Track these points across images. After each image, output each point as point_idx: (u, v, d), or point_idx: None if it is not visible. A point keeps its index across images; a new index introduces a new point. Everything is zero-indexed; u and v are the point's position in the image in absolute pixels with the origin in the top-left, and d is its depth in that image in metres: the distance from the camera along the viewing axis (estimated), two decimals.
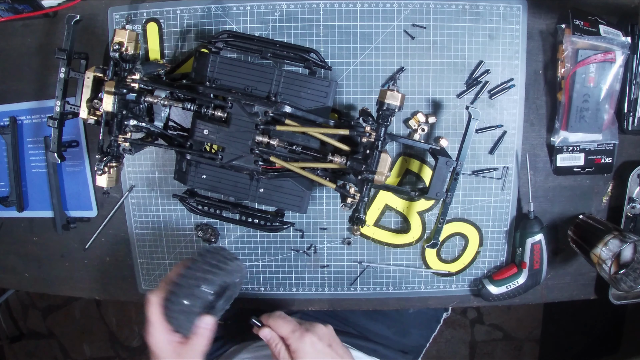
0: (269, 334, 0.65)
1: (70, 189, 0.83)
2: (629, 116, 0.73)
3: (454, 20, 0.72)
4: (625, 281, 0.69)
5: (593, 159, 0.75)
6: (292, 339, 0.64)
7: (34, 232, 0.86)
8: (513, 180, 0.77)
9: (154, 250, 0.82)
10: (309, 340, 0.64)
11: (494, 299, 0.78)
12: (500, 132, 0.75)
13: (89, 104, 0.67)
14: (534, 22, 0.73)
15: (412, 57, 0.73)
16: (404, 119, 0.75)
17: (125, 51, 0.63)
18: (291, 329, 0.65)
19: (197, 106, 0.65)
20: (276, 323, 0.66)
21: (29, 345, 2.03)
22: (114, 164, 0.68)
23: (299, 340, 0.64)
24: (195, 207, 0.74)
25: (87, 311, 1.97)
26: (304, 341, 0.63)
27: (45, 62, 0.79)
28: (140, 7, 0.74)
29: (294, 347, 0.63)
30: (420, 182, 0.77)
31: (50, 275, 0.87)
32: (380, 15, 0.72)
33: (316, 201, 0.78)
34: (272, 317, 0.67)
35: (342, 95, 0.74)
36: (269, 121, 0.65)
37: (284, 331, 0.65)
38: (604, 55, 0.69)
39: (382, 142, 0.62)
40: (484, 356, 1.87)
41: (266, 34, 0.73)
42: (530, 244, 0.75)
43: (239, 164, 0.66)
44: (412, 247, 0.79)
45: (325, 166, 0.65)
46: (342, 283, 0.81)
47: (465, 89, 0.74)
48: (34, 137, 0.82)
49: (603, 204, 0.79)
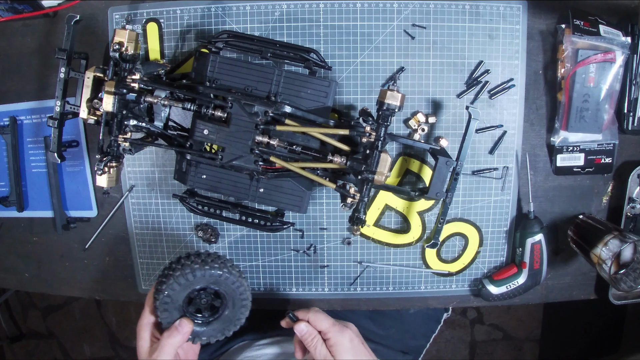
0: (305, 328, 0.66)
1: (70, 189, 0.83)
2: (629, 116, 0.73)
3: (454, 20, 0.72)
4: (625, 281, 0.69)
5: (593, 159, 0.75)
6: (332, 333, 0.66)
7: (34, 232, 0.86)
8: (513, 180, 0.77)
9: (154, 250, 0.82)
10: (348, 335, 0.66)
11: (494, 299, 0.78)
12: (500, 132, 0.75)
13: (89, 104, 0.67)
14: (534, 22, 0.73)
15: (412, 57, 0.73)
16: (404, 119, 0.75)
17: (125, 51, 0.63)
18: (331, 324, 0.66)
19: (197, 106, 0.65)
20: (316, 317, 0.67)
21: (29, 345, 2.03)
22: (114, 164, 0.68)
23: (339, 334, 0.66)
24: (195, 207, 0.74)
25: (87, 311, 1.97)
26: (344, 335, 0.66)
27: (45, 62, 0.79)
28: (140, 7, 0.74)
29: (334, 341, 0.65)
30: (420, 182, 0.77)
31: (50, 275, 0.87)
32: (380, 15, 0.72)
33: (316, 201, 0.78)
34: (312, 311, 0.68)
35: (342, 95, 0.74)
36: (269, 121, 0.65)
37: (324, 325, 0.66)
38: (604, 55, 0.69)
39: (382, 142, 0.62)
40: (484, 356, 1.87)
41: (266, 34, 0.73)
42: (530, 244, 0.75)
43: (239, 164, 0.66)
44: (412, 247, 0.79)
45: (325, 166, 0.65)
46: (342, 283, 0.81)
47: (465, 89, 0.74)
48: (34, 137, 0.82)
49: (603, 204, 0.79)
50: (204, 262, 0.63)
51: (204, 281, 0.63)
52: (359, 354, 0.66)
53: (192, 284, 0.63)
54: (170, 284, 0.62)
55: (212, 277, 0.63)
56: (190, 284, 0.63)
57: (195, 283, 0.63)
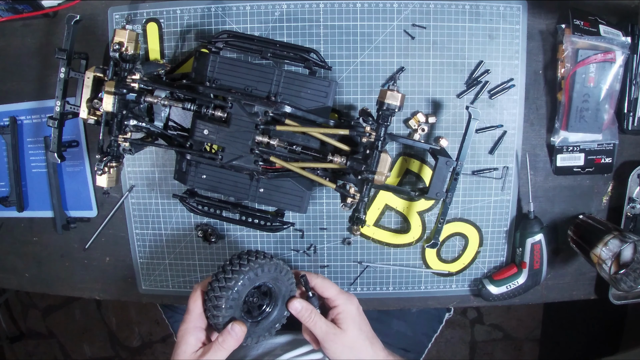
0: (299, 305, 0.65)
1: (70, 189, 0.83)
2: (629, 116, 0.73)
3: (454, 20, 0.72)
4: (625, 281, 0.69)
5: (593, 159, 0.75)
6: (340, 300, 0.65)
7: (34, 232, 0.86)
8: (513, 180, 0.77)
9: (154, 250, 0.82)
10: (356, 303, 0.66)
11: (494, 299, 0.78)
12: (500, 132, 0.75)
13: (89, 104, 0.67)
14: (534, 22, 0.73)
15: (412, 57, 0.73)
16: (404, 119, 0.75)
17: (125, 51, 0.63)
18: (338, 291, 0.66)
19: (197, 106, 0.65)
20: (323, 284, 0.66)
21: (29, 345, 2.03)
22: (114, 164, 0.68)
23: (347, 302, 0.65)
24: (195, 207, 0.74)
25: (87, 311, 1.97)
26: (353, 303, 0.66)
27: (45, 62, 0.79)
28: (140, 7, 0.74)
29: (342, 309, 0.65)
30: (420, 182, 0.77)
31: (50, 275, 0.87)
32: (380, 15, 0.72)
33: (316, 201, 0.78)
34: (319, 278, 0.67)
35: (342, 95, 0.74)
36: (269, 121, 0.65)
37: (331, 292, 0.66)
38: (604, 55, 0.69)
39: (382, 142, 0.62)
40: (484, 356, 1.87)
41: (266, 34, 0.73)
42: (530, 244, 0.75)
43: (239, 164, 0.66)
44: (412, 247, 0.79)
45: (325, 166, 0.65)
46: (342, 283, 0.81)
47: (465, 89, 0.74)
48: (34, 137, 0.82)
49: (603, 204, 0.79)
50: (265, 257, 0.63)
51: (267, 277, 0.62)
52: (364, 325, 0.66)
53: (258, 280, 0.61)
54: (240, 280, 0.59)
55: (275, 273, 0.62)
56: (256, 279, 0.61)
57: (260, 279, 0.62)
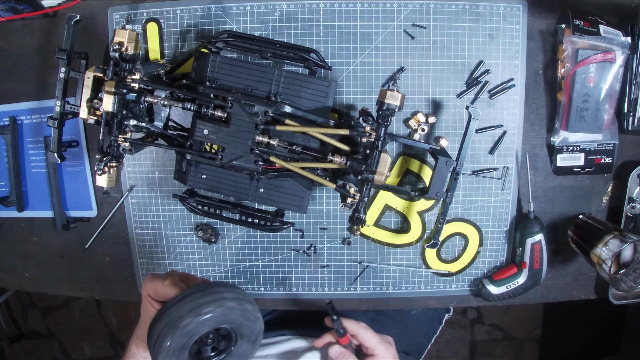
0: (339, 350, 0.70)
1: (70, 189, 0.83)
2: (629, 116, 0.73)
3: (454, 20, 0.72)
4: (625, 281, 0.69)
5: (593, 159, 0.75)
6: (380, 350, 0.71)
7: (34, 232, 0.86)
8: (513, 180, 0.77)
9: (154, 250, 0.82)
10: (393, 353, 0.72)
11: (494, 299, 0.78)
12: (500, 132, 0.75)
13: (89, 104, 0.67)
14: (534, 22, 0.73)
15: (412, 57, 0.73)
16: (404, 119, 0.75)
17: (125, 51, 0.63)
18: (378, 341, 0.71)
19: (197, 106, 0.65)
20: (366, 335, 0.71)
21: (29, 345, 2.03)
22: (114, 164, 0.68)
23: (386, 352, 0.70)
24: (195, 207, 0.74)
25: (87, 311, 1.97)
26: (390, 353, 0.71)
27: (45, 62, 0.79)
28: (140, 7, 0.74)
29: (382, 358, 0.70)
30: (420, 182, 0.77)
31: (50, 275, 0.87)
32: (380, 15, 0.72)
33: (316, 201, 0.78)
34: (361, 327, 0.71)
35: (342, 95, 0.74)
36: (269, 121, 0.65)
37: (372, 343, 0.71)
38: (604, 55, 0.69)
39: (382, 142, 0.62)
40: (484, 356, 1.87)
41: (266, 34, 0.73)
42: (530, 244, 0.75)
43: (239, 164, 0.66)
44: (412, 247, 0.79)
45: (325, 166, 0.65)
46: (342, 283, 0.81)
47: (465, 89, 0.74)
48: (34, 137, 0.82)
49: (603, 204, 0.79)
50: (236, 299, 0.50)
51: (231, 322, 0.51)
52: None
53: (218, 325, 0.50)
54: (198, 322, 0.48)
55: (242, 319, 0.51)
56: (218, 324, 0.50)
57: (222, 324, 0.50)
